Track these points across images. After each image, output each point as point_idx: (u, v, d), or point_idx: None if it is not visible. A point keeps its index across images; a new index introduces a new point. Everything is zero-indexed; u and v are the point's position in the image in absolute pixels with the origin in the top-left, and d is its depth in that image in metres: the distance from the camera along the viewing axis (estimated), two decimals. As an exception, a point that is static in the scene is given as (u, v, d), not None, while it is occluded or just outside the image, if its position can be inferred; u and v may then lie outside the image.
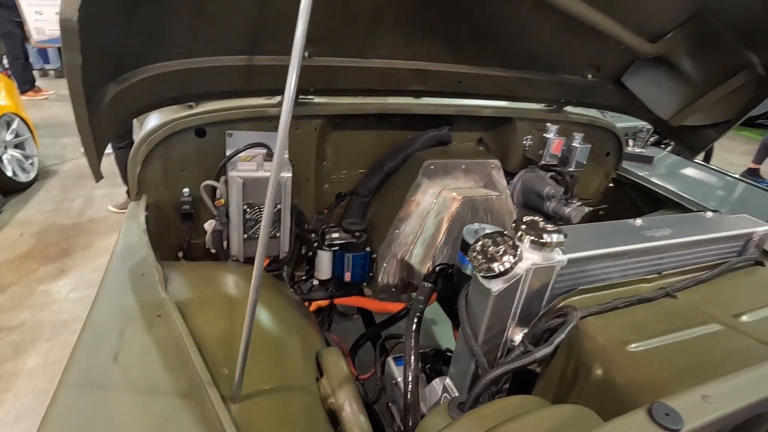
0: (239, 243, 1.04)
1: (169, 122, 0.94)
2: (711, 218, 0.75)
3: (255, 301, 0.47)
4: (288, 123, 0.44)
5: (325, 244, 1.18)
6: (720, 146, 5.10)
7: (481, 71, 1.09)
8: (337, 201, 1.28)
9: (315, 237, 1.20)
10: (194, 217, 1.05)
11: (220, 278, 0.78)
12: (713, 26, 1.04)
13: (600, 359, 0.47)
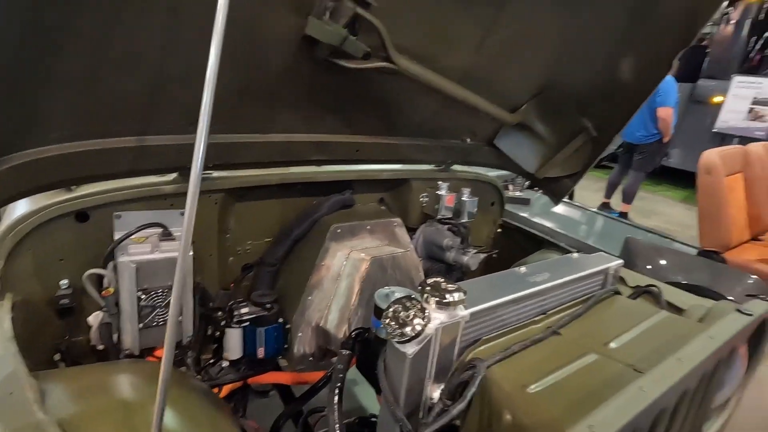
0: (133, 334, 0.94)
1: (43, 208, 0.84)
2: (577, 259, 0.89)
3: (163, 407, 0.44)
4: (196, 201, 0.44)
5: (234, 321, 1.12)
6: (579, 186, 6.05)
7: (376, 140, 1.19)
8: (243, 274, 1.24)
9: (222, 315, 1.13)
10: (75, 311, 0.93)
11: (112, 382, 0.70)
12: (555, 100, 1.29)
13: (507, 405, 0.52)
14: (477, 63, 1.07)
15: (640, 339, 0.67)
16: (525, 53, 1.12)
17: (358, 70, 0.89)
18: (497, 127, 1.39)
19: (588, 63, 1.18)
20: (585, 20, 1.06)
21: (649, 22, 1.06)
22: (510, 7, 0.96)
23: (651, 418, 0.50)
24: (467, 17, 0.95)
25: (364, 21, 0.84)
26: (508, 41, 1.04)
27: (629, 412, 0.44)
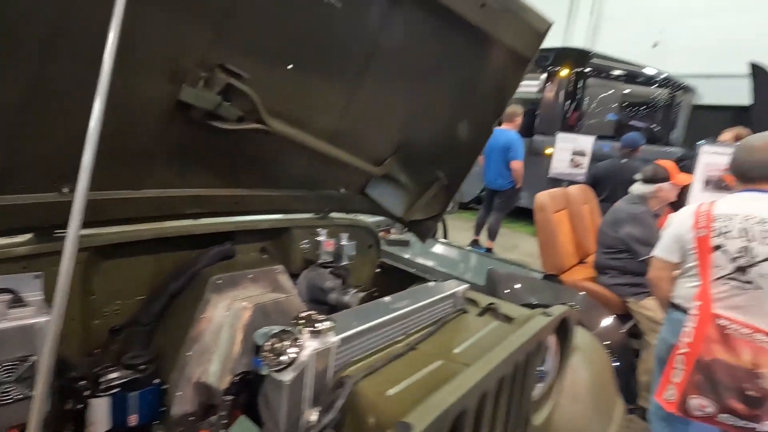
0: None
1: None
2: (432, 286, 1.07)
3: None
4: (72, 264, 0.47)
5: (101, 389, 1.04)
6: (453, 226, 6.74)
7: (254, 192, 1.27)
8: (111, 337, 1.16)
9: (85, 384, 1.04)
10: None
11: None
12: (412, 154, 1.54)
13: (371, 410, 0.62)
14: (343, 125, 1.24)
15: (476, 344, 0.84)
16: (383, 117, 1.33)
17: (234, 130, 0.98)
18: (367, 178, 1.58)
19: (433, 125, 1.45)
20: (426, 93, 1.32)
21: (472, 95, 1.36)
22: (366, 81, 1.16)
23: (475, 400, 0.64)
24: (331, 88, 1.13)
25: (238, 89, 0.94)
26: (368, 108, 1.24)
27: (455, 395, 0.57)
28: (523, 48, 1.22)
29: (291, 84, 1.04)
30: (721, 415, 1.60)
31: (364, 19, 1.02)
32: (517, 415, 0.83)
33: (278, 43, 0.95)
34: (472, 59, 1.26)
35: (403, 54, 1.15)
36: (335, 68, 1.08)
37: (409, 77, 1.23)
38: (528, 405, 0.90)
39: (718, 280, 1.63)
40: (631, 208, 2.64)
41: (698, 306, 1.66)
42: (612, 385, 1.32)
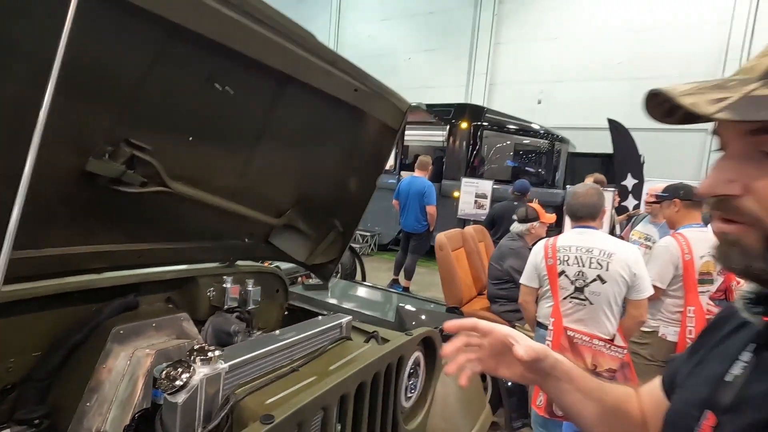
0: None
1: None
2: (320, 319, 1.25)
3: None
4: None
5: (-9, 448, 1.05)
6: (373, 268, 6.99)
7: (159, 246, 1.38)
8: (2, 396, 1.16)
9: (-26, 445, 1.04)
10: None
11: None
12: (310, 206, 1.75)
13: (250, 417, 0.78)
14: (242, 184, 1.43)
15: (349, 362, 1.04)
16: (279, 176, 1.54)
17: (138, 192, 1.12)
18: (270, 228, 1.76)
19: (326, 182, 1.69)
20: (317, 155, 1.56)
21: (356, 156, 1.64)
22: (261, 148, 1.37)
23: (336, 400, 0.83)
24: (229, 154, 1.32)
25: (142, 158, 1.10)
26: (265, 169, 1.45)
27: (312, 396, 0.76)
28: (391, 121, 1.54)
29: (192, 152, 1.21)
30: (577, 412, 1.93)
31: (255, 101, 1.24)
32: (385, 417, 1.03)
33: (180, 119, 1.13)
34: (352, 129, 1.54)
35: (293, 126, 1.39)
36: (232, 139, 1.28)
37: (300, 143, 1.47)
38: (398, 410, 1.10)
39: (565, 300, 2.02)
40: (511, 243, 3.09)
41: (553, 322, 2.03)
42: (480, 395, 1.58)
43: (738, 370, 0.50)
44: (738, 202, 0.44)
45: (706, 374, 0.54)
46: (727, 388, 0.50)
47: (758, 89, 0.40)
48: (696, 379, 0.57)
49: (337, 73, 1.30)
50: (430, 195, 5.39)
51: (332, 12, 14.05)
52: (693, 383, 0.57)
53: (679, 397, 0.58)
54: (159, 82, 1.00)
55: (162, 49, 0.93)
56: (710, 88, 0.42)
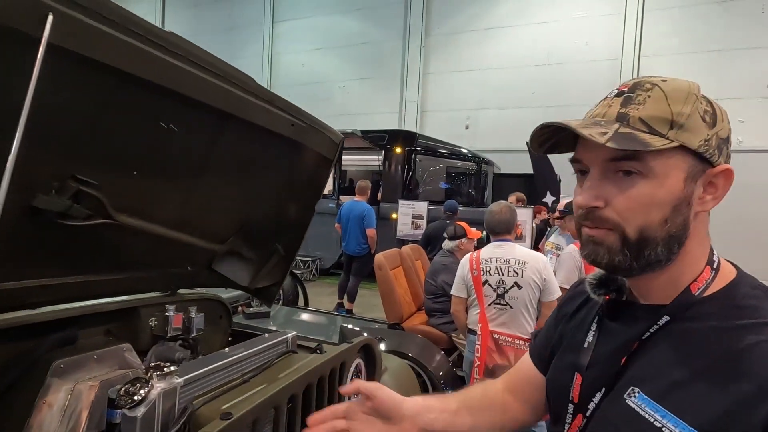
0: None
1: None
2: (267, 336, 1.35)
3: None
4: None
5: None
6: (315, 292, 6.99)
7: (101, 277, 1.40)
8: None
9: None
10: None
11: None
12: (252, 232, 1.85)
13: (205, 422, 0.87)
14: (186, 213, 1.50)
15: (296, 370, 1.15)
16: (222, 205, 1.63)
17: (82, 225, 1.17)
18: (213, 255, 1.82)
19: (268, 208, 1.80)
20: (258, 184, 1.68)
21: (296, 184, 1.77)
22: (204, 179, 1.46)
23: (286, 399, 0.94)
24: (173, 186, 1.40)
25: (88, 192, 1.16)
26: (207, 199, 1.53)
27: (263, 396, 0.87)
28: (326, 152, 1.70)
29: (137, 185, 1.28)
30: (505, 407, 2.15)
31: (199, 137, 1.35)
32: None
33: (126, 156, 1.21)
34: (290, 160, 1.68)
35: (234, 158, 1.51)
36: (176, 172, 1.37)
37: (242, 174, 1.58)
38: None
39: (489, 306, 2.27)
40: (443, 260, 3.35)
41: (480, 327, 2.26)
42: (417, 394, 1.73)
43: (590, 338, 0.65)
44: (601, 212, 0.56)
45: (570, 344, 0.69)
46: (584, 353, 0.64)
47: (621, 128, 0.54)
48: (565, 351, 0.71)
49: (275, 110, 1.45)
50: (370, 218, 5.59)
51: (265, 40, 14.17)
52: (562, 355, 0.71)
53: (555, 365, 0.74)
54: (107, 123, 1.08)
55: (112, 94, 1.03)
56: (592, 125, 0.56)
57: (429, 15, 12.12)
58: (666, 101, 0.54)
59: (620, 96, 0.57)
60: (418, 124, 12.04)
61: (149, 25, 0.99)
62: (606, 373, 0.59)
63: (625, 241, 0.55)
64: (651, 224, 0.54)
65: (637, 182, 0.54)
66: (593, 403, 0.60)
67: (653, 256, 0.55)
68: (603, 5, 10.35)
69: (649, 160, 0.53)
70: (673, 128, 0.53)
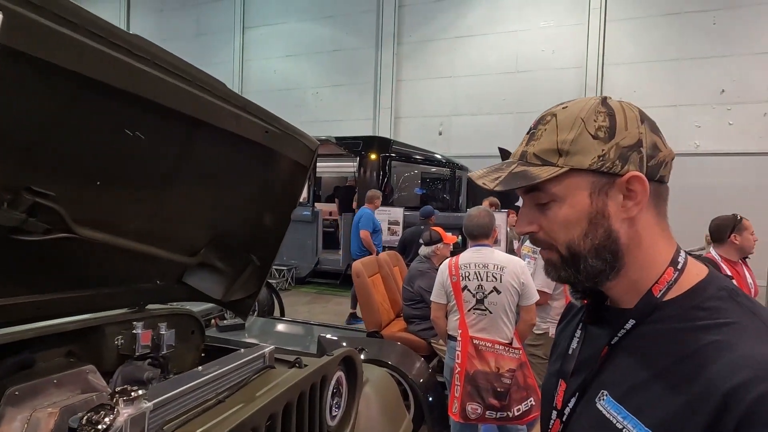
0: None
1: None
2: (243, 352, 1.29)
3: None
4: None
5: None
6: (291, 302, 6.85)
7: (60, 296, 1.31)
8: None
9: None
10: None
11: None
12: (226, 243, 1.78)
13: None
14: (154, 225, 1.43)
15: (275, 387, 1.10)
16: (193, 215, 1.56)
17: (40, 240, 1.09)
18: (184, 268, 1.74)
19: (241, 218, 1.74)
20: (232, 193, 1.62)
21: (271, 192, 1.72)
22: (174, 189, 1.39)
23: (265, 419, 0.89)
24: (140, 197, 1.32)
25: (45, 205, 1.08)
26: (177, 209, 1.46)
27: (241, 418, 0.82)
28: (302, 159, 1.66)
29: (100, 196, 1.21)
30: (487, 412, 2.14)
31: (167, 144, 1.29)
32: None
33: (88, 164, 1.13)
34: (265, 167, 1.63)
35: (206, 166, 1.44)
36: (143, 181, 1.30)
37: (213, 183, 1.52)
38: (324, 426, 1.18)
39: (469, 312, 2.27)
40: (420, 266, 3.34)
41: (461, 333, 2.25)
42: (400, 406, 1.70)
43: (575, 344, 0.67)
44: (537, 236, 0.63)
45: (559, 352, 0.71)
46: (570, 359, 0.66)
47: (516, 168, 0.60)
48: (554, 358, 0.74)
49: (248, 116, 1.40)
50: (365, 221, 5.67)
51: (235, 47, 13.95)
52: (552, 361, 0.74)
53: (547, 374, 0.76)
54: (66, 131, 1.01)
55: (72, 100, 0.96)
56: (493, 171, 0.62)
57: (401, 23, 12.24)
58: (555, 131, 0.59)
59: (528, 133, 0.63)
60: (392, 130, 12.09)
61: (112, 27, 0.93)
62: (583, 378, 0.62)
63: (561, 258, 0.61)
64: (573, 240, 0.59)
65: (551, 207, 0.60)
66: (568, 408, 0.62)
67: (590, 267, 0.59)
68: (568, 16, 10.72)
69: (549, 188, 0.59)
70: (561, 155, 0.58)
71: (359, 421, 1.42)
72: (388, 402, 1.62)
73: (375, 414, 1.51)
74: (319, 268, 8.24)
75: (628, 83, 10.25)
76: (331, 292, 7.68)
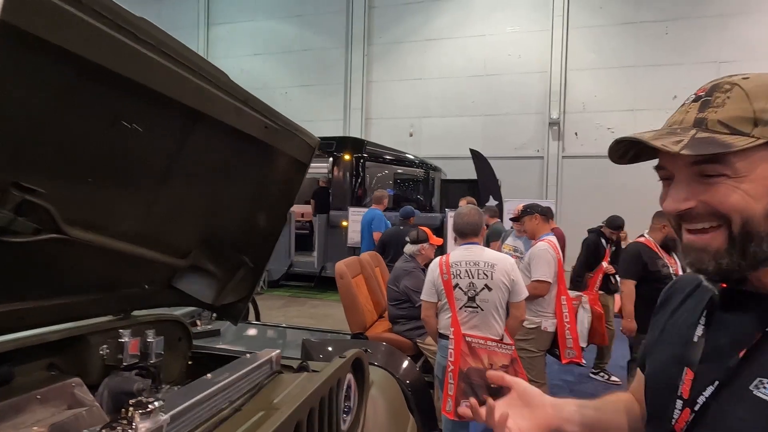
0: None
1: None
2: (249, 357, 1.23)
3: None
4: None
5: None
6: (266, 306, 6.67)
7: (43, 303, 1.19)
8: None
9: None
10: None
11: None
12: (218, 244, 1.69)
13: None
14: (145, 226, 1.34)
15: (290, 393, 1.05)
16: (185, 216, 1.47)
17: (28, 242, 0.99)
18: (173, 272, 1.64)
19: (235, 217, 1.66)
20: (227, 191, 1.54)
21: (267, 190, 1.66)
22: (167, 187, 1.31)
23: (292, 427, 0.85)
24: (132, 195, 1.24)
25: (34, 203, 0.98)
26: (170, 209, 1.37)
27: (275, 424, 0.77)
28: (301, 156, 1.61)
29: (92, 194, 1.11)
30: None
31: (165, 138, 1.20)
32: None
33: (80, 159, 1.04)
34: (263, 164, 1.56)
35: (202, 162, 1.37)
36: (138, 177, 1.21)
37: (210, 180, 1.44)
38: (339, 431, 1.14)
39: (461, 309, 2.28)
40: (405, 265, 3.33)
41: (453, 331, 2.25)
42: (404, 408, 1.68)
43: (700, 332, 0.62)
44: (695, 211, 0.56)
45: (676, 339, 0.66)
46: (694, 347, 0.62)
47: (698, 133, 0.54)
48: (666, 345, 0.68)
49: (248, 110, 1.34)
50: (378, 222, 5.66)
51: (200, 44, 13.51)
52: (664, 348, 0.68)
53: (655, 360, 0.71)
54: (60, 121, 0.92)
55: (69, 86, 0.88)
56: (666, 134, 0.56)
57: (371, 24, 12.24)
58: (747, 99, 0.54)
59: (697, 101, 0.57)
60: (363, 131, 12.06)
61: (118, 8, 0.86)
62: (721, 367, 0.57)
63: (730, 238, 0.55)
64: (754, 216, 0.53)
65: (721, 181, 0.54)
66: (703, 397, 0.58)
67: (760, 251, 0.54)
68: (532, 23, 11.08)
69: (734, 161, 0.53)
70: (757, 125, 0.53)
71: (367, 424, 1.39)
72: (394, 404, 1.59)
73: (381, 416, 1.48)
74: (292, 270, 8.09)
75: (589, 88, 10.72)
76: (305, 294, 7.55)
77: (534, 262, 2.74)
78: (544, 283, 2.71)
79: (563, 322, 2.74)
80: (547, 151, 10.74)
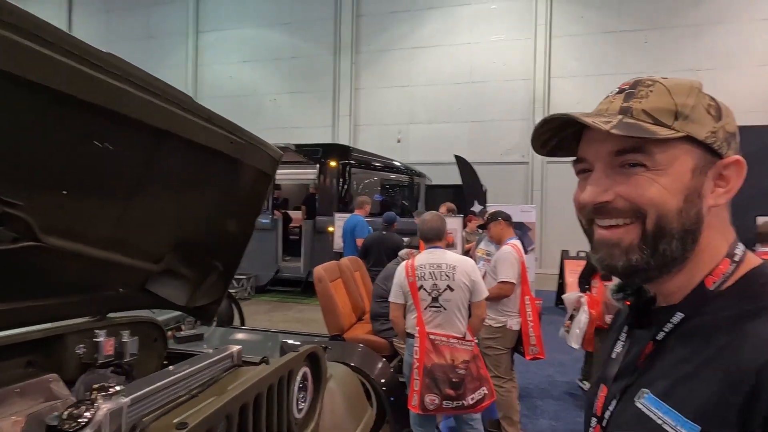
0: None
1: None
2: (211, 353, 1.36)
3: None
4: None
5: None
6: (251, 311, 6.76)
7: (23, 305, 1.31)
8: None
9: None
10: None
11: None
12: (190, 249, 1.81)
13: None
14: (119, 232, 1.46)
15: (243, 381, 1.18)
16: (158, 223, 1.60)
17: (7, 249, 1.11)
18: (147, 275, 1.76)
19: (206, 224, 1.79)
20: (197, 200, 1.67)
21: (235, 199, 1.79)
22: (139, 197, 1.44)
23: (237, 408, 0.98)
24: (106, 205, 1.36)
25: (12, 214, 1.10)
26: (142, 217, 1.50)
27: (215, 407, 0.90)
28: (266, 168, 1.74)
29: (67, 205, 1.24)
30: (444, 402, 2.29)
31: (134, 155, 1.33)
32: (280, 427, 1.19)
33: (57, 174, 1.16)
34: (230, 175, 1.70)
35: (172, 175, 1.50)
36: (110, 190, 1.34)
37: (179, 191, 1.57)
38: (291, 421, 1.27)
39: (425, 309, 2.42)
40: (396, 266, 3.47)
41: (418, 330, 2.39)
42: (361, 399, 1.81)
43: (619, 348, 0.63)
44: (612, 204, 0.54)
45: (603, 357, 0.67)
46: (613, 364, 0.62)
47: (625, 119, 0.53)
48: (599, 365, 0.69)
49: (213, 128, 1.47)
50: (360, 229, 5.76)
51: (189, 51, 13.59)
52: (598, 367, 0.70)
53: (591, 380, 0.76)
54: (36, 141, 1.05)
55: (43, 112, 1.01)
56: (596, 115, 0.55)
57: (359, 32, 12.44)
58: (669, 94, 0.54)
59: (622, 93, 0.57)
60: (352, 137, 12.22)
61: (87, 47, 0.99)
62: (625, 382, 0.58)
63: (643, 233, 0.53)
64: (667, 213, 0.52)
65: (640, 174, 0.53)
66: (608, 412, 0.59)
67: (669, 251, 0.53)
68: (516, 31, 11.35)
69: (654, 152, 0.52)
70: (678, 119, 0.53)
71: (324, 414, 1.51)
72: (351, 396, 1.72)
73: (339, 407, 1.61)
74: (279, 275, 8.18)
75: (572, 95, 10.98)
76: (292, 299, 7.65)
77: (499, 265, 2.90)
78: (508, 284, 2.87)
79: (527, 321, 2.90)
80: (532, 156, 10.97)
